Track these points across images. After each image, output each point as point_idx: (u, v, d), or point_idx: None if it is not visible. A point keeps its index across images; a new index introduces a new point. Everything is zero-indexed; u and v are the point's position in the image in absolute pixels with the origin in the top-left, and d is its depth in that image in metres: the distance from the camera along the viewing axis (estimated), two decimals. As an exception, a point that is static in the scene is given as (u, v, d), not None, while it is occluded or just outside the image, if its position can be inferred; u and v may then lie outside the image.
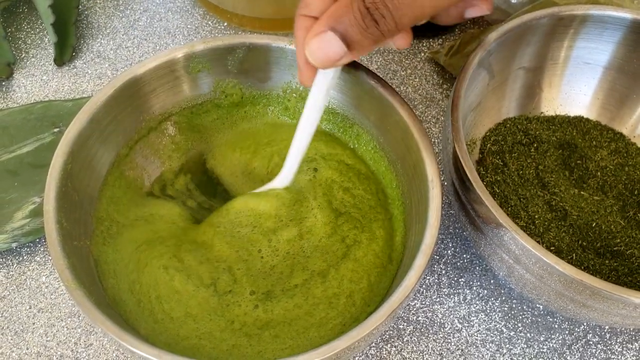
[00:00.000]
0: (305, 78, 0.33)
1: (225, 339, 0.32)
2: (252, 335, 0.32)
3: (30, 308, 0.38)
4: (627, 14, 0.38)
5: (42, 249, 0.40)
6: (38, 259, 0.40)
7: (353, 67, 0.35)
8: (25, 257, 0.40)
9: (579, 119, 0.42)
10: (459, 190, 0.34)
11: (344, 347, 0.26)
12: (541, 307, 0.39)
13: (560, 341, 0.38)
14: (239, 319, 0.32)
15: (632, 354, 0.37)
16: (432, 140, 0.45)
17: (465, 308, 0.39)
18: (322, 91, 0.33)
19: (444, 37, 0.51)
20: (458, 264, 0.40)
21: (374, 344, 0.37)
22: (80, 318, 0.37)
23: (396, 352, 0.37)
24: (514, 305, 0.39)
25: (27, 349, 0.36)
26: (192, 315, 0.32)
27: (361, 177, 0.37)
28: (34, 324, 0.37)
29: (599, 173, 0.40)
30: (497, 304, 0.39)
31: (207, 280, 0.33)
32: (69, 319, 0.37)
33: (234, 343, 0.31)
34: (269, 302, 0.33)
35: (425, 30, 0.50)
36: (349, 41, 0.28)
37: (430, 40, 0.51)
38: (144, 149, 0.38)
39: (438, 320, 0.38)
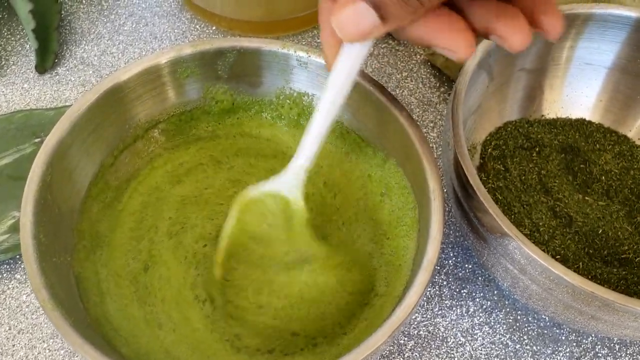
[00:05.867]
0: (332, 59, 0.29)
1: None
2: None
3: (9, 329, 0.36)
4: (631, 13, 0.37)
5: (22, 266, 0.38)
6: (18, 276, 0.37)
7: None
8: (4, 275, 0.37)
9: (582, 122, 0.41)
10: (460, 198, 0.33)
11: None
12: (547, 318, 0.37)
13: (567, 354, 0.36)
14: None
15: (642, 366, 0.36)
16: (430, 145, 0.44)
17: (468, 321, 0.37)
18: (346, 68, 0.29)
19: (439, 39, 0.50)
20: (460, 274, 0.39)
21: (373, 361, 0.35)
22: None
23: (397, 368, 0.35)
24: (519, 317, 0.37)
25: (7, 372, 0.34)
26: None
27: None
28: (13, 346, 0.35)
29: (603, 177, 0.38)
30: (501, 315, 0.37)
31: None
32: (51, 340, 0.35)
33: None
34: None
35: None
36: (383, 10, 0.25)
37: (426, 42, 0.49)
38: (130, 158, 0.36)
39: (440, 334, 0.36)
